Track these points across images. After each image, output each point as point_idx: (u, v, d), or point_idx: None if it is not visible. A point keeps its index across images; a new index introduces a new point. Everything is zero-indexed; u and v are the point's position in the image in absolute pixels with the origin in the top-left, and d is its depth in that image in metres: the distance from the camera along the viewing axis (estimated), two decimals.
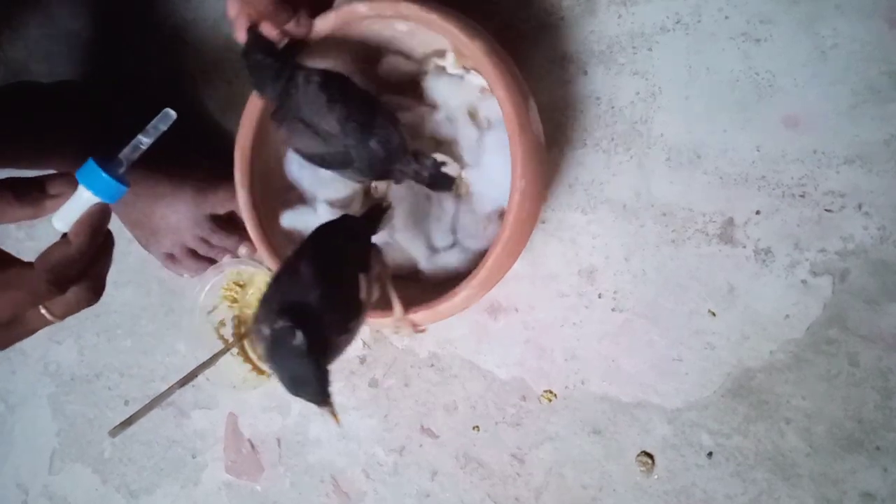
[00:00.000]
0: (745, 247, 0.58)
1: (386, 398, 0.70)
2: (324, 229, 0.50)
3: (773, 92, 0.57)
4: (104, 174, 0.45)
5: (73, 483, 0.85)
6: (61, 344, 0.86)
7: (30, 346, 0.88)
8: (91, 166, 0.45)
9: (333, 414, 0.44)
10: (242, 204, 0.61)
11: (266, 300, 0.43)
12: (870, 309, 0.55)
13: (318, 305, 0.42)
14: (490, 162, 0.58)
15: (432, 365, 0.68)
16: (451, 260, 0.59)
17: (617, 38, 0.61)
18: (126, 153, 0.47)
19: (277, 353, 0.41)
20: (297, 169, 0.62)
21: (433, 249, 0.60)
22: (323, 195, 0.62)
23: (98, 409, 0.84)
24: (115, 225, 0.75)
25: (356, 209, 0.63)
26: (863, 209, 0.55)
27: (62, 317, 0.48)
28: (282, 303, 0.42)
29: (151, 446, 0.80)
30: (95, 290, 0.49)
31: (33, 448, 0.87)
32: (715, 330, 0.59)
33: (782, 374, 0.57)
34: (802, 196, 0.56)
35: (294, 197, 0.64)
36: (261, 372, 0.73)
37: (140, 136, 0.47)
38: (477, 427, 0.66)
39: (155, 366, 0.81)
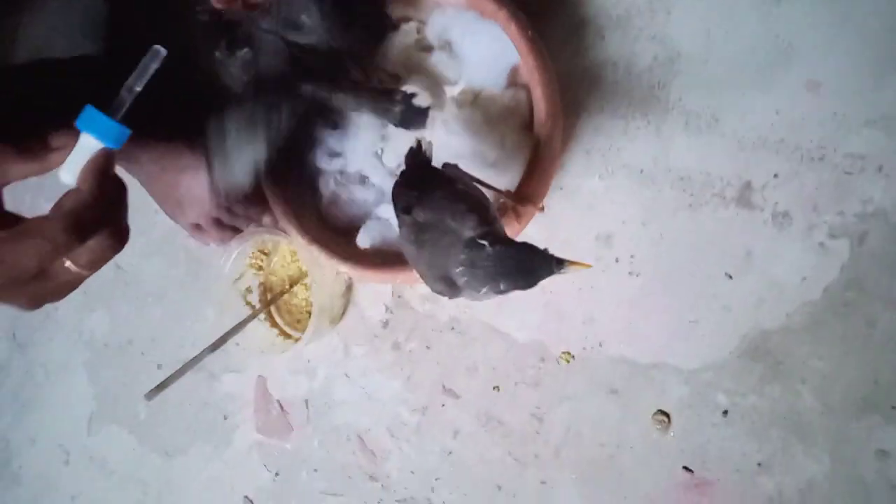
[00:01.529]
0: (762, 210, 0.58)
1: (409, 361, 0.72)
2: (398, 182, 0.51)
3: (794, 55, 0.56)
4: (105, 118, 0.45)
5: (111, 444, 0.89)
6: (94, 312, 0.89)
7: (63, 315, 0.91)
8: (91, 112, 0.45)
9: (577, 263, 0.44)
10: (264, 179, 0.63)
11: (429, 265, 0.47)
12: (888, 272, 0.55)
13: (462, 226, 0.45)
14: (468, 50, 0.60)
15: (453, 328, 0.69)
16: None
17: (634, 1, 0.60)
18: (122, 96, 0.46)
19: (493, 273, 0.43)
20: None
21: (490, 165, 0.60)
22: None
23: (132, 373, 0.87)
24: (143, 196, 0.77)
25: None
26: (883, 171, 0.55)
27: (90, 268, 0.47)
28: (440, 252, 0.45)
29: (184, 408, 0.84)
30: (118, 237, 0.47)
31: (72, 411, 0.91)
32: (731, 293, 0.59)
33: (798, 336, 0.58)
34: (821, 159, 0.56)
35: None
36: (287, 336, 0.75)
37: (132, 78, 0.46)
38: (497, 387, 0.68)
39: (185, 332, 0.84)
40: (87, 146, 0.45)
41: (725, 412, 0.60)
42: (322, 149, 0.64)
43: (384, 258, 0.61)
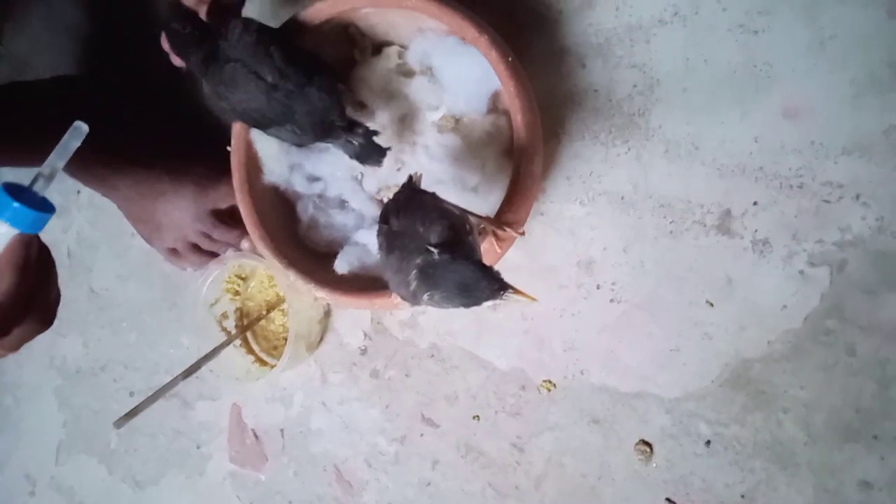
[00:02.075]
0: (742, 238, 0.58)
1: (387, 389, 0.70)
2: (386, 204, 0.51)
3: (772, 83, 0.57)
4: (16, 203, 0.40)
5: (80, 474, 0.86)
6: (66, 337, 0.87)
7: (36, 339, 0.88)
8: (1, 196, 0.40)
9: (522, 293, 0.43)
10: (242, 204, 0.62)
11: (396, 271, 0.46)
12: (868, 299, 0.55)
13: (428, 231, 0.45)
14: (449, 75, 0.60)
15: (432, 356, 0.68)
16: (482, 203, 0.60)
17: (615, 30, 0.61)
18: (42, 175, 0.42)
19: (437, 281, 0.43)
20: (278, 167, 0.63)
21: (471, 190, 0.60)
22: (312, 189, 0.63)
23: (103, 401, 0.85)
24: (119, 219, 0.76)
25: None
26: (861, 199, 0.55)
27: (12, 350, 0.45)
28: (405, 257, 0.45)
29: (157, 437, 0.81)
30: (44, 321, 0.45)
31: (40, 440, 0.88)
32: (713, 321, 0.59)
33: (780, 365, 0.57)
34: (800, 187, 0.56)
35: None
36: (263, 363, 0.74)
37: (53, 156, 0.42)
38: (477, 417, 0.67)
39: (159, 358, 0.82)
40: (2, 233, 0.40)
41: (708, 442, 0.59)
42: (301, 172, 0.64)
43: (362, 283, 0.60)
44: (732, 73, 0.58)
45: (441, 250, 0.43)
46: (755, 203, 0.58)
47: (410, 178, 0.52)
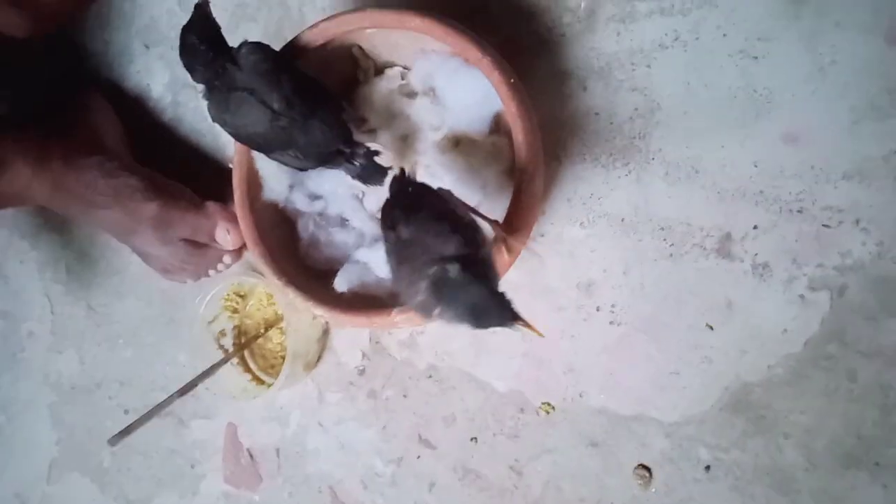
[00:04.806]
0: (742, 261, 0.58)
1: (384, 409, 0.70)
2: (387, 202, 0.51)
3: (772, 108, 0.57)
4: None
5: (72, 493, 0.85)
6: (62, 354, 0.86)
7: (30, 355, 0.88)
8: None
9: (530, 327, 0.43)
10: (242, 220, 0.62)
11: (408, 284, 0.45)
12: (868, 324, 0.55)
13: (440, 240, 0.44)
14: (451, 96, 0.60)
15: (430, 376, 0.68)
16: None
17: (616, 54, 0.61)
18: None
19: (448, 299, 0.43)
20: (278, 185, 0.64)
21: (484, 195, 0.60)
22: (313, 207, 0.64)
23: (97, 418, 0.84)
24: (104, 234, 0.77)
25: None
26: (861, 225, 0.55)
27: None
28: (417, 268, 0.44)
29: (150, 456, 0.80)
30: None
31: (32, 457, 0.87)
32: (713, 344, 0.59)
33: (781, 389, 0.57)
34: (800, 211, 0.56)
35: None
36: (260, 382, 0.73)
37: None
38: (475, 439, 0.66)
39: (155, 376, 0.81)
40: None
41: (708, 467, 0.59)
42: (302, 190, 0.64)
43: (362, 302, 0.60)
44: (733, 98, 0.58)
45: (458, 267, 0.43)
46: (755, 227, 0.58)
47: (403, 171, 0.51)
